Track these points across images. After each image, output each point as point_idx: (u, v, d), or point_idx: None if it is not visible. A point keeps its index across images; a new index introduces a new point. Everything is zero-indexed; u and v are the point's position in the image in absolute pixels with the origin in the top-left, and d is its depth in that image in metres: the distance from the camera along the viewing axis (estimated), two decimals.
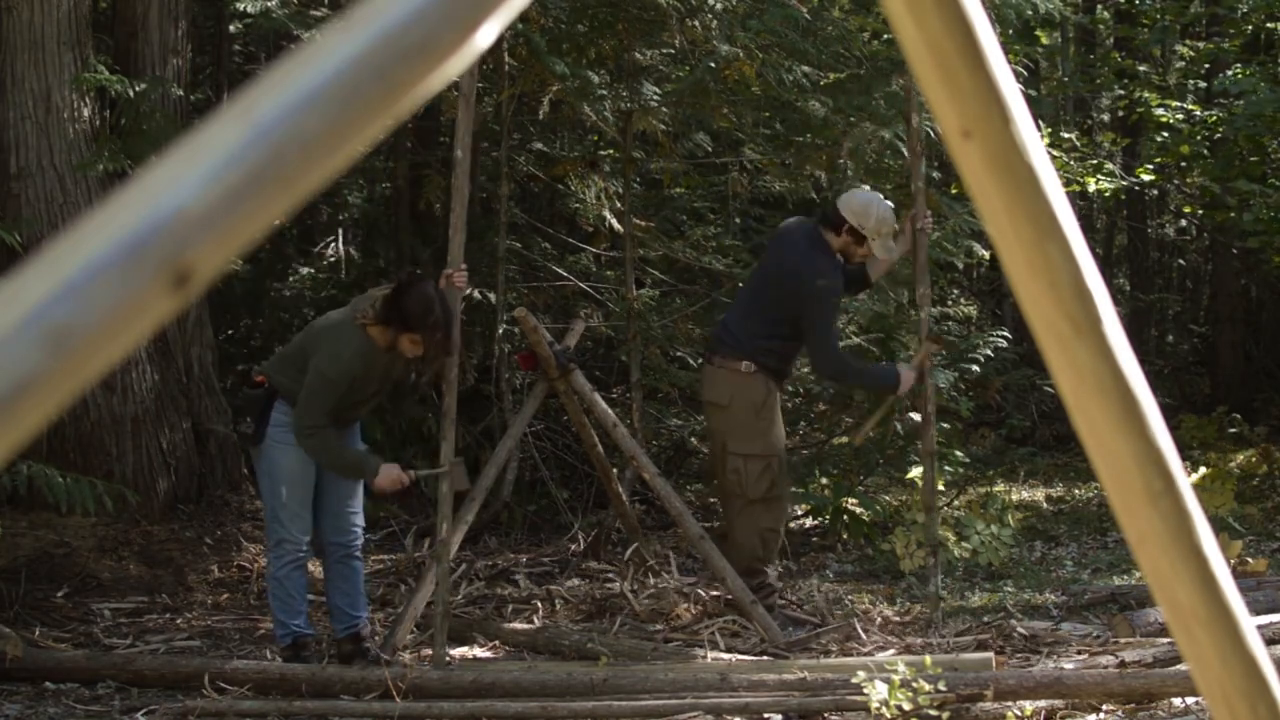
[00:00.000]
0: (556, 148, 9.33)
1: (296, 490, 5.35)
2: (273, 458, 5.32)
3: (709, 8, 7.74)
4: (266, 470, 5.37)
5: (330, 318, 5.41)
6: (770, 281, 6.13)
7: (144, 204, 0.66)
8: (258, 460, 5.43)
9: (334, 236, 11.91)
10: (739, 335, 6.12)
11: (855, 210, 6.04)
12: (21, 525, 6.82)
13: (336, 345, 5.20)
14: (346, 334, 5.23)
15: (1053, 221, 0.96)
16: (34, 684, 5.32)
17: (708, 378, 6.28)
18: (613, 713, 4.77)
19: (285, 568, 5.41)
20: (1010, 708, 4.55)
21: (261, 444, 5.33)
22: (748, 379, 6.08)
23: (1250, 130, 9.98)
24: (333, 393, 5.20)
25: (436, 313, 5.16)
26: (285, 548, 5.38)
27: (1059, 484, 10.40)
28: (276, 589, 5.46)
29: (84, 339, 0.64)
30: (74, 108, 7.06)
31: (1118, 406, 1.00)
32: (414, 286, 5.25)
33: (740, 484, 6.11)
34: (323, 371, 5.17)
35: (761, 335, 6.09)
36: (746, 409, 6.09)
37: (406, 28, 0.70)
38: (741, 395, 6.09)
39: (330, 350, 5.19)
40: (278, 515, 5.37)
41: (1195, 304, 16.29)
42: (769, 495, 6.12)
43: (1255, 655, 1.09)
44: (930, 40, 0.90)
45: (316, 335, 5.32)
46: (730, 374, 6.11)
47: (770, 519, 6.16)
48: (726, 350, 6.14)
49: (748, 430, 6.10)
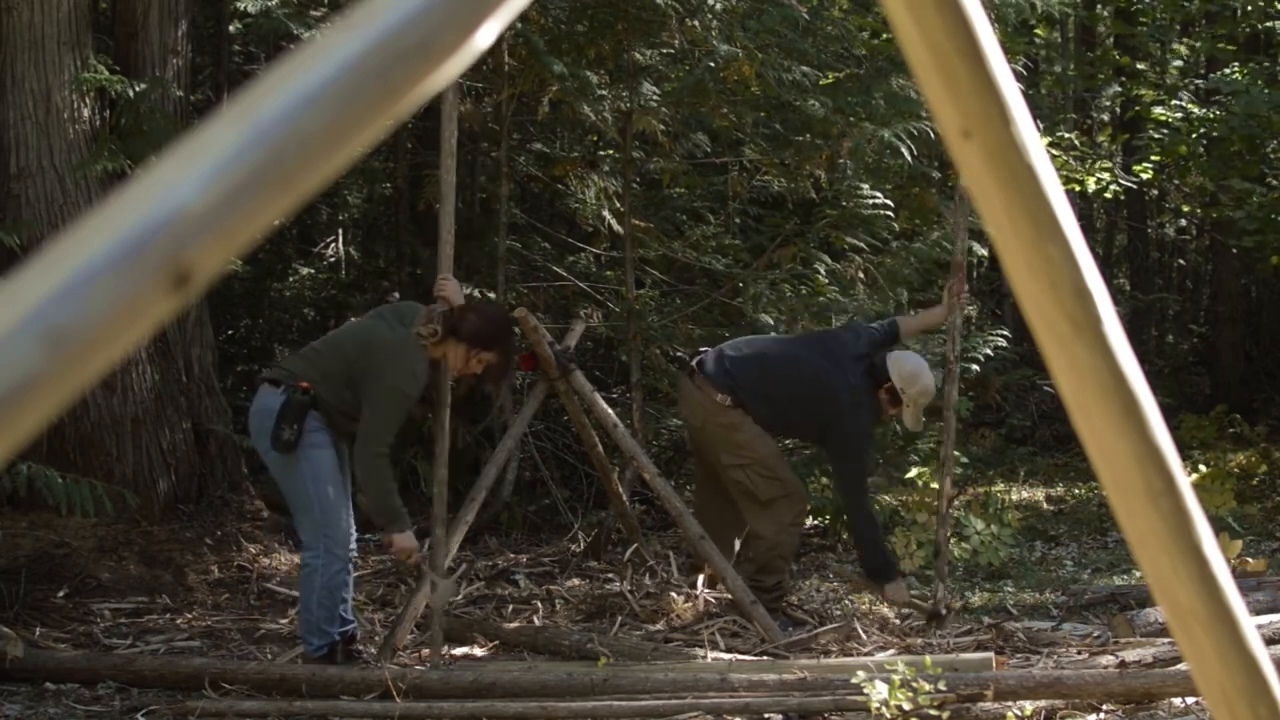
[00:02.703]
0: (556, 148, 9.33)
1: (339, 489, 5.31)
2: (312, 459, 5.24)
3: (708, 8, 7.74)
4: (306, 474, 5.25)
5: (383, 332, 5.31)
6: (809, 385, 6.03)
7: (144, 204, 0.66)
8: (289, 467, 5.28)
9: (334, 236, 11.91)
10: (739, 380, 6.05)
11: (903, 375, 6.01)
12: (21, 525, 6.82)
13: (412, 364, 5.23)
14: (416, 352, 5.25)
15: (1053, 221, 0.96)
16: (34, 684, 5.32)
17: (684, 394, 6.27)
18: (613, 713, 4.77)
19: (339, 574, 5.31)
20: (1010, 708, 4.55)
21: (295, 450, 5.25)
22: (721, 409, 6.06)
23: (1246, 130, 9.99)
24: (407, 411, 5.27)
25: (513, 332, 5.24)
26: (337, 552, 5.28)
27: (1059, 484, 10.40)
28: (325, 598, 5.32)
29: (84, 339, 0.64)
30: (74, 108, 7.06)
31: (1118, 406, 1.00)
32: (489, 305, 5.34)
33: (750, 490, 6.09)
34: (404, 391, 5.20)
35: (768, 404, 6.04)
36: (719, 428, 6.07)
37: (406, 28, 0.70)
38: (714, 419, 6.07)
39: (407, 369, 5.21)
40: (327, 517, 5.26)
41: (1195, 304, 16.28)
42: (783, 493, 6.09)
43: (1255, 655, 1.09)
44: (930, 40, 0.90)
45: (379, 353, 5.25)
46: (704, 398, 6.07)
47: (792, 514, 6.14)
48: (714, 379, 6.06)
49: (730, 444, 6.08)
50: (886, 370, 6.02)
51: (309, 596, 5.36)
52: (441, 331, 5.29)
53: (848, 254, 8.76)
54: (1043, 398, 12.32)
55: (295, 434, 5.22)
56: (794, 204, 9.07)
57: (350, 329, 5.58)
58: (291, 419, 5.23)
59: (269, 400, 5.32)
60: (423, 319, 5.31)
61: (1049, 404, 12.21)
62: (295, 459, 5.25)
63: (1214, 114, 10.76)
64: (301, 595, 5.47)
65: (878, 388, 6.03)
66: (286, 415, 5.25)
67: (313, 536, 5.33)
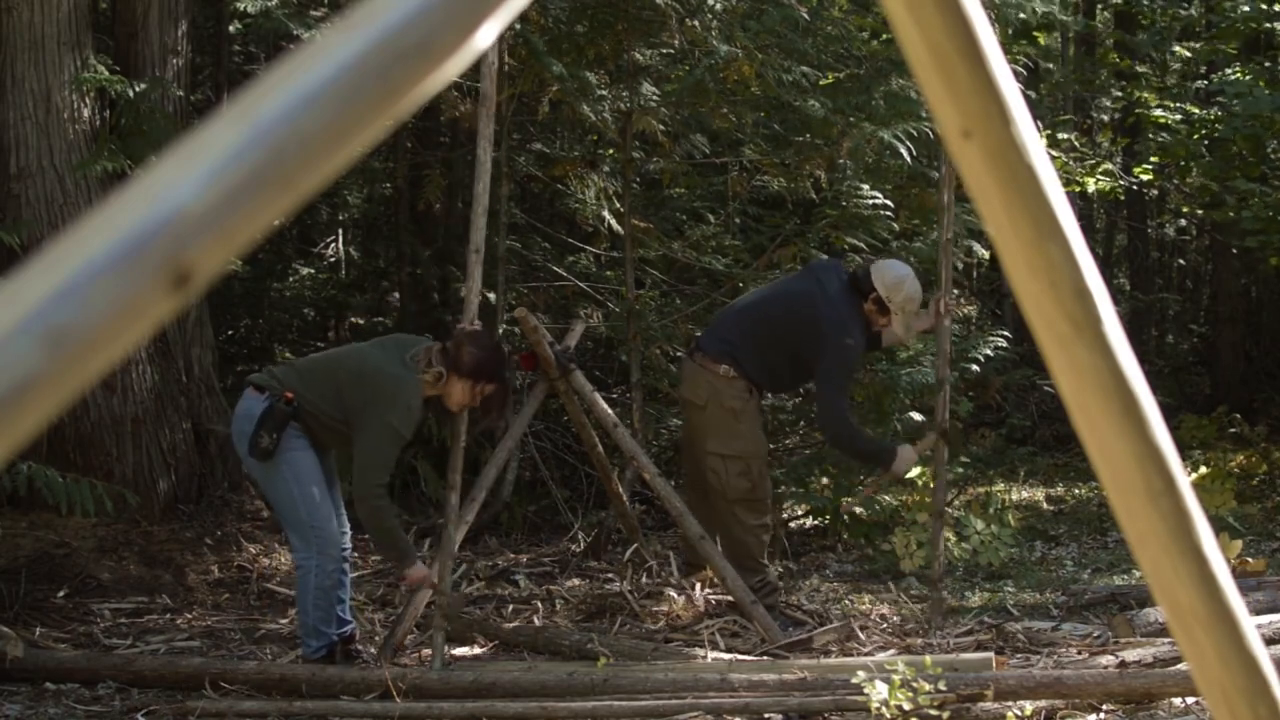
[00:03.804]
0: (556, 148, 9.33)
1: (324, 489, 5.30)
2: (292, 461, 5.23)
3: (708, 8, 7.74)
4: (287, 477, 5.24)
5: (383, 366, 5.27)
6: (790, 312, 6.05)
7: (144, 204, 0.66)
8: (269, 473, 5.27)
9: (334, 236, 11.92)
10: (733, 341, 6.07)
11: (887, 282, 6.00)
12: (21, 525, 6.82)
13: (408, 399, 5.20)
14: (413, 387, 5.22)
15: (1053, 221, 0.96)
16: (34, 684, 5.32)
17: (687, 374, 6.25)
18: (613, 713, 4.77)
19: (334, 574, 5.30)
20: (1010, 708, 4.55)
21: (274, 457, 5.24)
22: (726, 382, 6.05)
23: (1248, 130, 9.99)
24: (400, 447, 5.24)
25: (507, 359, 5.23)
26: (331, 552, 5.27)
27: (1059, 484, 10.40)
28: (320, 599, 5.31)
29: (84, 339, 0.64)
30: (74, 108, 7.06)
31: (1118, 406, 1.00)
32: (485, 338, 5.37)
33: (720, 484, 6.08)
34: (396, 428, 5.17)
35: (761, 353, 6.05)
36: (722, 412, 6.06)
37: (406, 28, 0.70)
38: (718, 397, 6.06)
39: (404, 404, 5.18)
40: (314, 518, 5.25)
41: (1195, 304, 16.28)
42: (751, 496, 6.09)
43: (1255, 655, 1.09)
44: (930, 40, 0.90)
45: (372, 384, 5.22)
46: (708, 374, 6.08)
47: (754, 517, 6.13)
48: (711, 351, 6.09)
49: (725, 431, 6.06)
50: (870, 281, 6.02)
51: (305, 599, 5.36)
52: (446, 371, 5.29)
53: (847, 254, 8.76)
54: (1043, 398, 12.32)
55: (274, 442, 5.20)
56: (794, 204, 9.07)
57: (349, 355, 5.50)
58: (271, 427, 5.21)
59: (252, 405, 5.29)
60: (422, 360, 5.29)
61: (1049, 404, 12.21)
62: (275, 464, 5.23)
63: (1215, 115, 10.76)
64: (298, 598, 5.47)
65: (864, 300, 6.03)
66: (266, 423, 5.22)
67: (302, 539, 5.31)
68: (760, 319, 6.11)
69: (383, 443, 5.17)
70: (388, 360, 5.29)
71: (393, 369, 5.25)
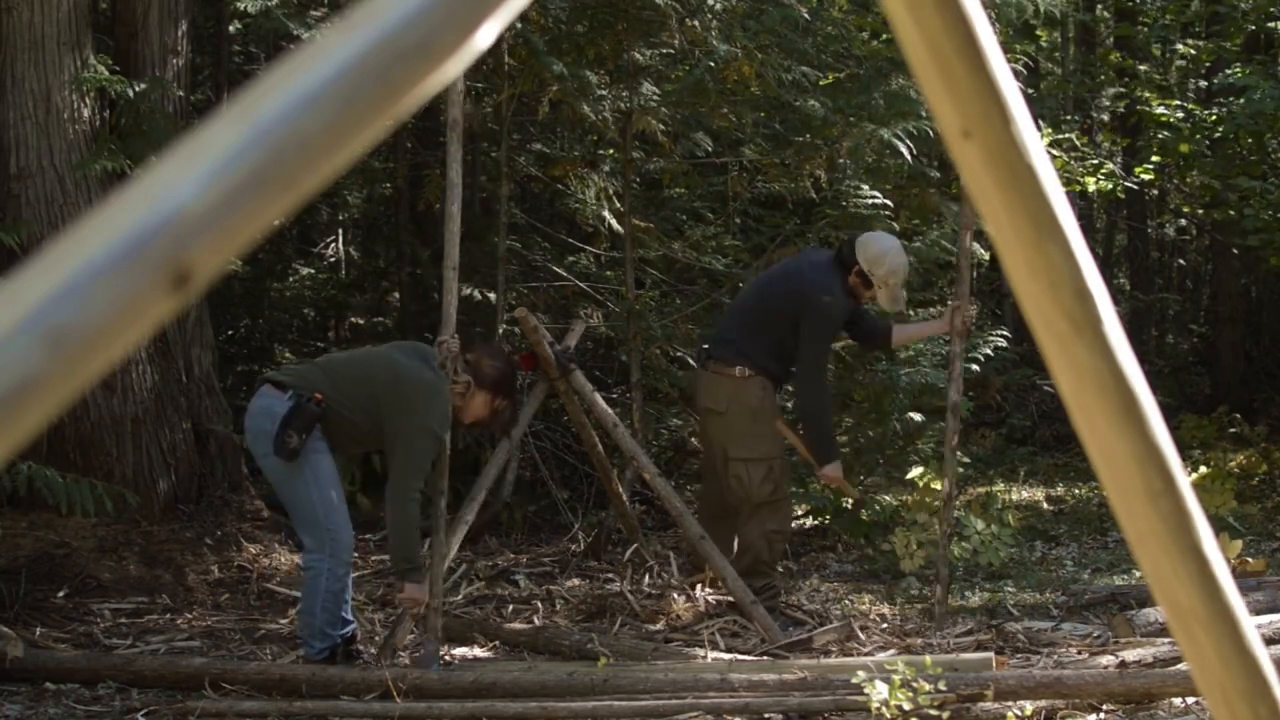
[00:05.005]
0: (556, 148, 9.33)
1: (340, 493, 5.33)
2: (315, 464, 5.24)
3: (708, 8, 7.74)
4: (309, 480, 5.23)
5: (420, 373, 5.31)
6: (780, 288, 6.10)
7: (144, 204, 0.66)
8: (290, 473, 5.25)
9: (334, 236, 11.92)
10: (737, 340, 6.11)
11: (869, 256, 6.01)
12: (21, 525, 6.82)
13: (443, 405, 5.30)
14: (446, 394, 5.32)
15: (1053, 221, 0.96)
16: (34, 684, 5.32)
17: (704, 384, 6.26)
18: (613, 713, 4.77)
19: (344, 577, 5.32)
20: (1010, 708, 4.55)
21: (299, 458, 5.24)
22: (743, 383, 6.07)
23: (1251, 128, 9.98)
24: (435, 453, 5.32)
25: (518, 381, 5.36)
26: (342, 556, 5.29)
27: (1059, 484, 10.40)
28: (329, 602, 5.31)
29: (84, 339, 0.64)
30: (74, 108, 7.06)
31: (1118, 406, 1.00)
32: (491, 348, 5.53)
33: (744, 489, 6.10)
34: (438, 434, 5.28)
35: (762, 339, 6.08)
36: (744, 413, 6.08)
37: (406, 28, 0.70)
38: (738, 400, 6.08)
39: (442, 412, 5.28)
40: (331, 521, 5.25)
41: (1195, 304, 16.28)
42: (774, 498, 6.12)
43: (1255, 655, 1.09)
44: (930, 40, 0.90)
45: (415, 393, 5.26)
46: (725, 379, 6.09)
47: (776, 521, 6.16)
48: (722, 355, 6.12)
49: (747, 434, 6.09)
50: (854, 255, 6.03)
51: (313, 600, 5.34)
52: (472, 383, 5.40)
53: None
54: (1043, 398, 12.32)
55: (301, 442, 5.19)
56: (794, 204, 9.07)
57: (376, 358, 5.47)
58: (299, 427, 5.19)
59: (273, 403, 5.26)
60: (450, 368, 5.38)
61: (1049, 404, 12.20)
62: (298, 465, 5.23)
63: (1217, 114, 10.75)
64: (304, 599, 5.43)
65: (848, 274, 6.04)
66: (294, 422, 5.20)
67: (316, 540, 5.30)
68: (754, 306, 6.16)
69: (423, 446, 5.24)
70: (420, 366, 5.35)
71: (428, 375, 5.31)
